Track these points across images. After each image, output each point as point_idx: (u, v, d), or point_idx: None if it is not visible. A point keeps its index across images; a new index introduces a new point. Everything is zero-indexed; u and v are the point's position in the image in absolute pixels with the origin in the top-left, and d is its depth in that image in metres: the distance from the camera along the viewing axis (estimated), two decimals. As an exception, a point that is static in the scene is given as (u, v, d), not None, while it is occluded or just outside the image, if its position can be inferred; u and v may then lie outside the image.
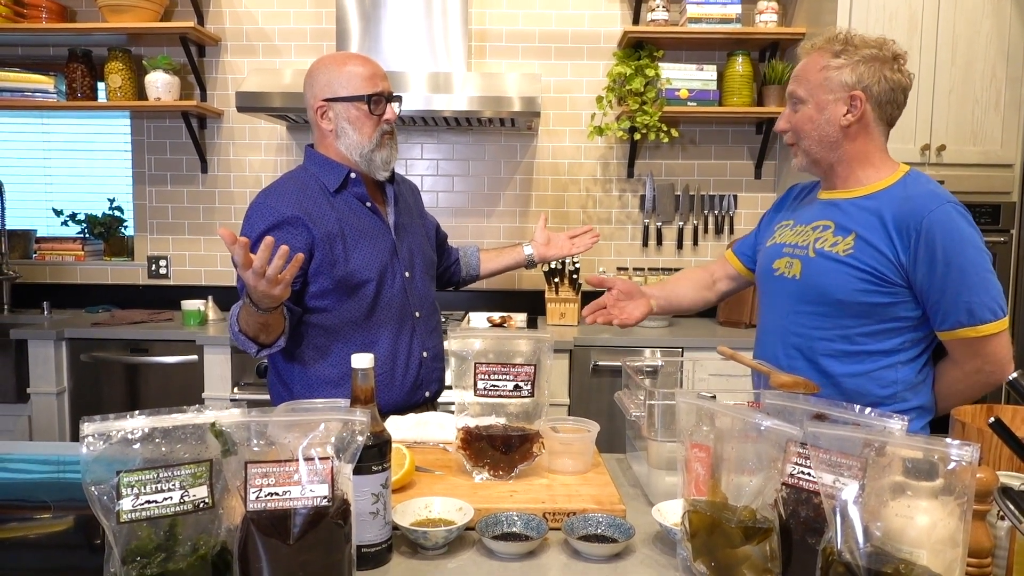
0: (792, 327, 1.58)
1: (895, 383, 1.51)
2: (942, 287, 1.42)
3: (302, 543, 0.92)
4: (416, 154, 3.54)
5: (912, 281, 1.45)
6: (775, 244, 1.67)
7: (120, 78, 3.31)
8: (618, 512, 1.23)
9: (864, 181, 1.55)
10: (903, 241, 1.44)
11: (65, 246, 3.61)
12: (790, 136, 1.59)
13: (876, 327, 1.49)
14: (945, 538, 0.86)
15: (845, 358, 1.52)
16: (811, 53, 1.54)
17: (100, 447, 0.89)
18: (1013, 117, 2.82)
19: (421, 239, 1.96)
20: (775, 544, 0.98)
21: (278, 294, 1.48)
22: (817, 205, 1.62)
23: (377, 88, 1.77)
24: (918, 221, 1.42)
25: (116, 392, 3.03)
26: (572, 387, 2.96)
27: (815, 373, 1.54)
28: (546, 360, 1.41)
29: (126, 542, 0.88)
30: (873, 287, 1.46)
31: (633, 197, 3.55)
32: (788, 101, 1.58)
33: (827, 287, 1.50)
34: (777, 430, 0.97)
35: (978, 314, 1.43)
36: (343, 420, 0.97)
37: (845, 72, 1.49)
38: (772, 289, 1.65)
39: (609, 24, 3.46)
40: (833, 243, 1.51)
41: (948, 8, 2.78)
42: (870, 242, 1.47)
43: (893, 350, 1.50)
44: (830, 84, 1.50)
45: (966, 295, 1.42)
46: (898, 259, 1.44)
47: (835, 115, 1.51)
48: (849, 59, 1.49)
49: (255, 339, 1.67)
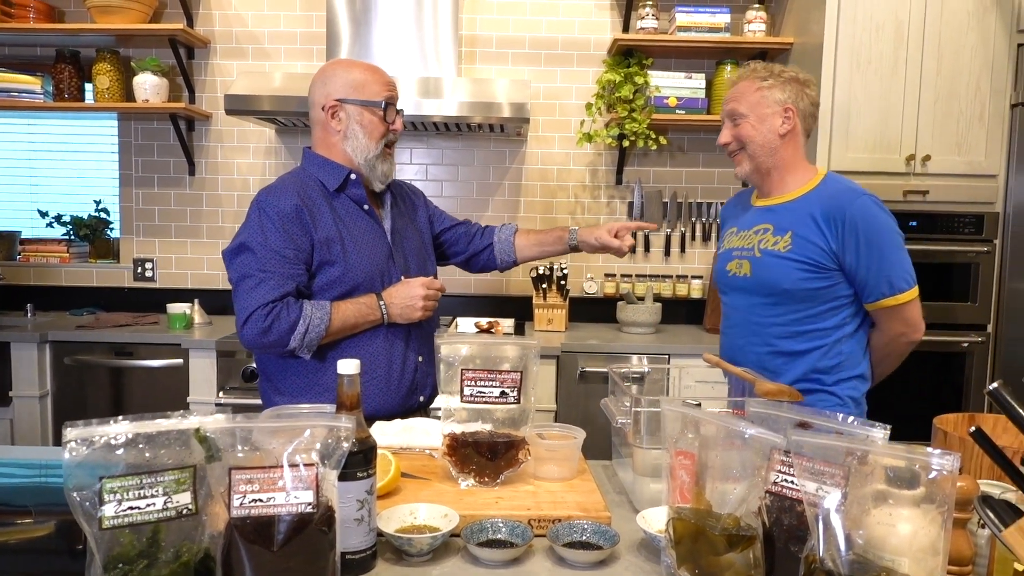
0: (751, 317, 1.83)
1: (840, 354, 1.76)
2: (867, 265, 1.68)
3: (286, 550, 0.91)
4: (406, 159, 3.54)
5: (842, 264, 1.71)
6: (725, 250, 1.93)
7: (108, 79, 3.29)
8: (603, 519, 1.23)
9: (792, 186, 1.82)
10: (832, 231, 1.69)
11: (50, 248, 3.58)
12: (735, 145, 1.83)
13: (820, 308, 1.74)
14: (926, 546, 0.86)
15: (798, 337, 1.77)
16: (740, 81, 1.83)
17: (83, 452, 0.88)
18: (997, 128, 2.85)
19: (417, 244, 1.97)
20: (758, 552, 0.98)
21: (420, 316, 1.78)
22: (754, 212, 1.88)
23: (391, 95, 1.82)
24: (842, 213, 1.69)
25: (100, 396, 3.01)
26: (559, 393, 2.97)
27: (774, 354, 1.78)
28: (532, 366, 1.41)
29: (108, 549, 0.87)
30: (812, 274, 1.71)
31: (621, 204, 3.57)
32: (727, 119, 1.84)
33: (775, 280, 1.75)
34: (761, 438, 0.98)
35: (897, 285, 1.70)
36: (328, 426, 0.97)
37: (776, 91, 1.78)
38: (729, 288, 1.90)
39: (599, 32, 3.47)
40: (774, 243, 1.77)
41: (934, 20, 2.81)
42: (805, 237, 1.72)
43: (836, 326, 1.75)
44: (767, 100, 1.78)
45: (886, 270, 1.69)
46: (829, 247, 1.70)
47: (773, 126, 1.78)
48: (776, 81, 1.78)
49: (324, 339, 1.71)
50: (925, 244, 2.86)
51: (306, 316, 1.67)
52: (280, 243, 1.68)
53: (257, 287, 1.66)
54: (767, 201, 1.86)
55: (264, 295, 1.65)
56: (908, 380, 2.93)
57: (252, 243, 1.69)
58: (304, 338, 1.67)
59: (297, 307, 1.67)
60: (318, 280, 1.74)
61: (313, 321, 1.68)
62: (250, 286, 1.67)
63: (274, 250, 1.68)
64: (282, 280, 1.67)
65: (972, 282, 2.90)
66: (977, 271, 2.89)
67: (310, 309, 1.68)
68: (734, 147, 1.84)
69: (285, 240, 1.68)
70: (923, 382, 2.93)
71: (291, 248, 1.69)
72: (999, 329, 2.91)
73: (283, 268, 1.68)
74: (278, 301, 1.66)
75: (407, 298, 1.76)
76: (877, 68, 2.82)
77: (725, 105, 1.85)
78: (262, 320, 1.64)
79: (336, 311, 1.71)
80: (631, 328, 3.25)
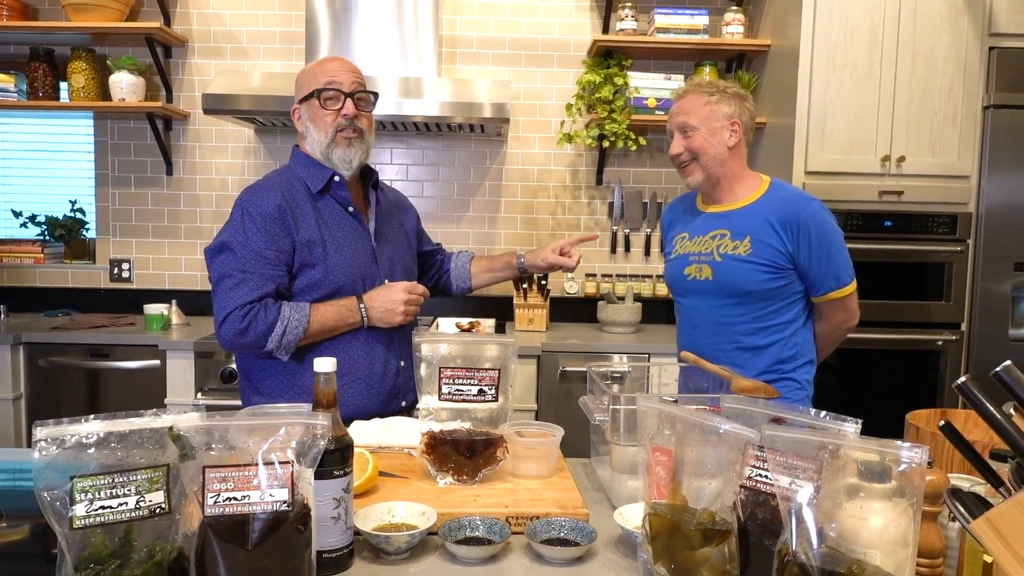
0: (716, 318, 1.93)
1: (797, 344, 1.92)
2: (817, 263, 1.84)
3: (261, 548, 0.91)
4: (386, 159, 3.53)
5: (796, 263, 1.85)
6: (680, 255, 2.01)
7: (83, 78, 3.25)
8: (581, 516, 1.23)
9: (741, 195, 1.94)
10: (788, 234, 1.84)
11: (24, 248, 3.53)
12: (686, 156, 1.92)
13: (779, 304, 1.89)
14: (897, 538, 0.88)
15: (760, 333, 1.90)
16: (687, 95, 1.93)
17: (53, 452, 0.87)
18: (970, 129, 2.90)
19: (403, 248, 1.96)
20: (733, 546, 0.99)
21: (400, 321, 1.77)
22: (706, 218, 1.98)
23: (329, 81, 1.74)
24: (796, 217, 1.83)
25: (76, 398, 2.97)
26: (540, 393, 2.97)
27: (740, 349, 1.90)
28: (511, 364, 1.41)
29: (79, 549, 0.86)
30: (772, 275, 1.85)
31: (602, 204, 3.58)
32: (677, 131, 1.92)
33: (738, 282, 1.87)
34: (736, 434, 0.99)
35: (842, 279, 1.87)
36: (304, 424, 0.97)
37: (723, 105, 1.89)
38: (688, 291, 2.00)
39: (579, 32, 3.49)
40: (734, 247, 1.88)
41: (908, 22, 2.85)
42: (764, 241, 1.85)
43: (793, 319, 1.91)
44: (716, 115, 1.89)
45: (834, 267, 1.86)
46: (786, 249, 1.84)
47: (723, 138, 1.90)
48: (722, 96, 1.90)
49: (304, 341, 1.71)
50: (900, 244, 2.89)
51: (284, 318, 1.66)
52: (261, 244, 1.67)
53: (236, 287, 1.65)
54: (719, 208, 1.97)
55: (243, 296, 1.64)
56: (884, 378, 2.97)
57: (233, 243, 1.67)
58: (282, 340, 1.66)
59: (275, 308, 1.66)
60: (299, 282, 1.73)
61: (291, 323, 1.67)
62: (229, 286, 1.66)
63: (255, 251, 1.67)
64: (261, 281, 1.66)
65: (946, 281, 2.94)
66: (951, 270, 2.93)
67: (288, 311, 1.67)
68: (686, 158, 1.92)
69: (266, 241, 1.67)
70: (898, 380, 2.97)
71: (272, 249, 1.68)
72: (972, 327, 2.96)
73: (263, 269, 1.67)
74: (256, 302, 1.65)
75: (388, 302, 1.75)
76: (852, 70, 2.85)
77: (674, 118, 1.94)
78: (239, 321, 1.63)
79: (315, 313, 1.70)
80: (611, 328, 3.26)
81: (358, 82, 1.79)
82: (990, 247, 2.92)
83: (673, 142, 1.94)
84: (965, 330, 2.97)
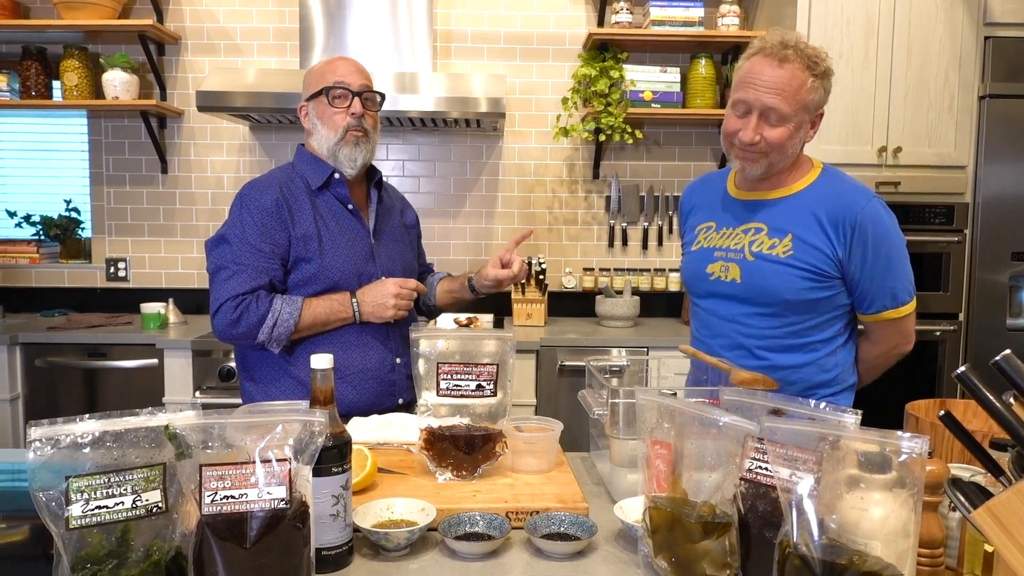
0: (738, 328, 1.61)
1: (836, 366, 1.61)
2: (871, 275, 1.53)
3: (259, 547, 0.90)
4: (382, 155, 3.51)
5: (845, 272, 1.54)
6: (703, 248, 1.68)
7: (76, 76, 3.23)
8: (581, 510, 1.23)
9: (788, 181, 1.60)
10: (839, 236, 1.51)
11: (19, 248, 3.51)
12: (763, 146, 1.50)
13: (819, 319, 1.57)
14: (898, 529, 0.87)
15: (793, 351, 1.59)
16: (785, 65, 1.47)
17: (48, 452, 0.86)
18: (965, 120, 2.89)
19: (403, 246, 1.96)
20: (734, 538, 0.99)
21: (392, 315, 1.75)
22: (740, 206, 1.64)
23: (338, 80, 1.76)
24: (852, 217, 1.50)
25: (73, 398, 2.96)
26: (539, 387, 2.97)
27: (764, 368, 1.56)
28: (509, 359, 1.41)
29: (76, 549, 0.86)
30: (815, 283, 1.53)
31: (599, 198, 3.57)
32: (761, 111, 1.49)
33: (772, 289, 1.54)
34: (735, 426, 0.98)
35: (900, 297, 1.56)
36: (302, 421, 0.96)
37: (818, 92, 1.51)
38: (708, 293, 1.66)
39: (574, 26, 3.47)
40: (771, 245, 1.55)
41: (903, 13, 2.84)
42: (808, 241, 1.53)
43: (833, 337, 1.60)
44: (809, 106, 1.51)
45: (891, 281, 1.54)
46: (835, 254, 1.52)
47: (806, 134, 1.55)
48: (819, 77, 1.50)
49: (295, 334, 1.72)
50: (897, 235, 2.89)
51: (275, 310, 1.68)
52: (257, 237, 1.70)
53: (230, 279, 1.68)
54: (756, 195, 1.62)
55: (235, 287, 1.67)
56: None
57: (231, 235, 1.71)
58: (273, 332, 1.68)
59: (267, 301, 1.69)
60: (293, 276, 1.75)
61: (282, 316, 1.68)
62: (224, 277, 1.69)
63: (250, 243, 1.69)
64: (255, 274, 1.69)
65: (944, 272, 2.94)
66: (948, 261, 2.94)
67: (280, 304, 1.69)
68: (762, 148, 1.51)
69: (262, 234, 1.70)
70: (897, 371, 2.96)
71: (267, 242, 1.70)
72: (970, 317, 2.96)
73: (257, 262, 1.69)
74: (249, 294, 1.67)
75: (379, 296, 1.76)
76: (848, 61, 2.85)
77: (756, 92, 1.48)
78: (231, 312, 1.66)
79: (307, 307, 1.71)
80: (610, 322, 3.26)
81: (366, 82, 1.81)
82: (987, 237, 2.92)
83: (745, 122, 1.50)
84: (963, 320, 2.97)
